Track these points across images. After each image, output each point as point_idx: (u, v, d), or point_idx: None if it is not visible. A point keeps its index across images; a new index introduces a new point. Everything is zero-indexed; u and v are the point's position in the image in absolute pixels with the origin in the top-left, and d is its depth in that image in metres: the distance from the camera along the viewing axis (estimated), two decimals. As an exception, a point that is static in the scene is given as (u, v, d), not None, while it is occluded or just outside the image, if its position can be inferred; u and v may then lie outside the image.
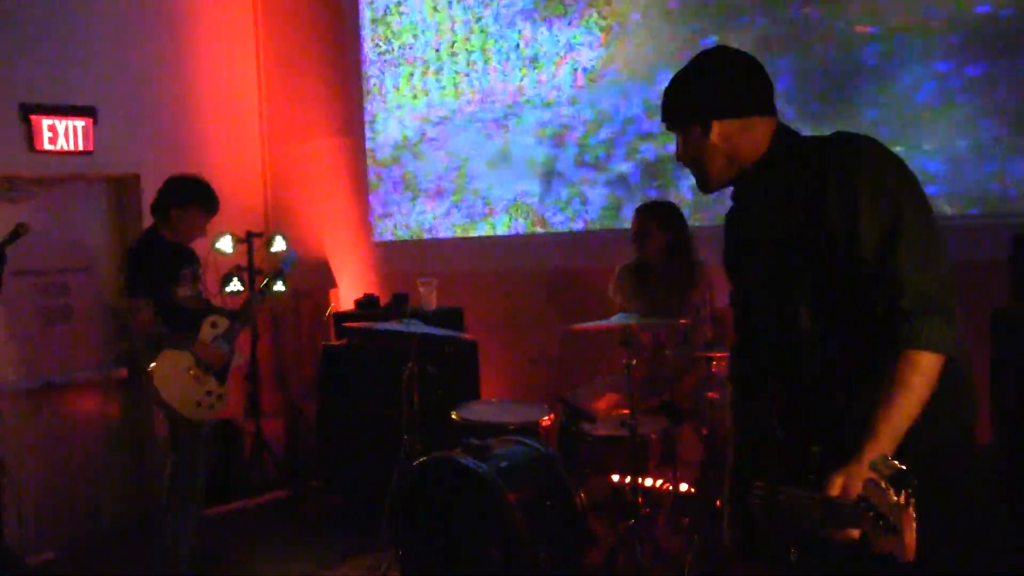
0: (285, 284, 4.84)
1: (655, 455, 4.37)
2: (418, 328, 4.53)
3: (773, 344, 2.23)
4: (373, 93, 6.58)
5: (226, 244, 6.21)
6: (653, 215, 4.72)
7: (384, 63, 6.50)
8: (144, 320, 4.49)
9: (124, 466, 5.93)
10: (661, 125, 2.34)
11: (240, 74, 6.98)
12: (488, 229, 6.04)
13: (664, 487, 4.58)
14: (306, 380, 6.86)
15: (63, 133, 5.77)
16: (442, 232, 6.28)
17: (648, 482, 4.56)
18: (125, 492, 5.94)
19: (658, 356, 4.82)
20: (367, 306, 6.07)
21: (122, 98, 6.12)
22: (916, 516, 1.69)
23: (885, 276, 1.97)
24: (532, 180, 5.80)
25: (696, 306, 4.60)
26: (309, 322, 6.92)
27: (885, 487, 1.73)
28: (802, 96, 4.68)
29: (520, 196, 5.87)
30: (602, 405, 4.73)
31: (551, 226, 5.75)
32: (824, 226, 2.05)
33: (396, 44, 6.42)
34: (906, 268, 1.96)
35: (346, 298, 6.61)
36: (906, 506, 1.69)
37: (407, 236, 6.48)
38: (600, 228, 5.55)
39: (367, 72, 6.60)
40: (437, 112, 6.24)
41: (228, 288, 6.13)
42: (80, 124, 5.85)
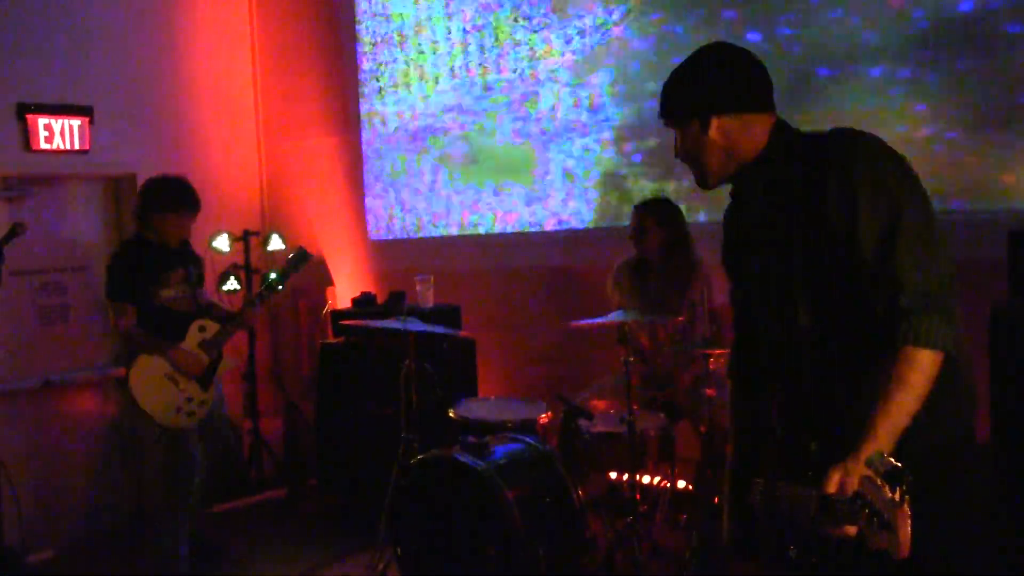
0: (284, 283, 4.76)
1: (653, 452, 4.37)
2: (415, 326, 4.52)
3: (772, 342, 2.23)
4: (369, 91, 6.57)
5: (223, 243, 6.21)
6: (651, 212, 4.73)
7: (380, 61, 6.49)
8: (125, 324, 4.45)
9: (123, 465, 5.91)
10: (660, 120, 2.33)
11: (236, 73, 6.97)
12: (485, 226, 6.03)
13: (662, 484, 4.59)
14: (304, 379, 6.85)
15: (59, 132, 5.75)
16: (439, 230, 6.27)
17: (646, 479, 4.56)
18: (124, 491, 5.93)
19: (656, 353, 4.82)
20: (364, 304, 6.06)
21: (119, 97, 6.10)
22: (911, 513, 1.69)
23: (884, 274, 1.97)
24: (531, 177, 5.80)
25: (694, 303, 4.60)
26: (306, 320, 6.92)
27: (881, 484, 1.73)
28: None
29: (519, 193, 5.87)
30: (601, 404, 4.73)
31: (549, 223, 5.74)
32: (823, 224, 2.05)
33: (392, 41, 6.41)
34: (905, 266, 1.96)
35: (343, 296, 6.60)
36: (900, 503, 1.69)
37: (404, 234, 6.47)
38: (598, 225, 5.54)
39: (363, 70, 6.59)
40: (434, 109, 6.23)
41: (225, 287, 6.14)
42: (76, 123, 5.83)
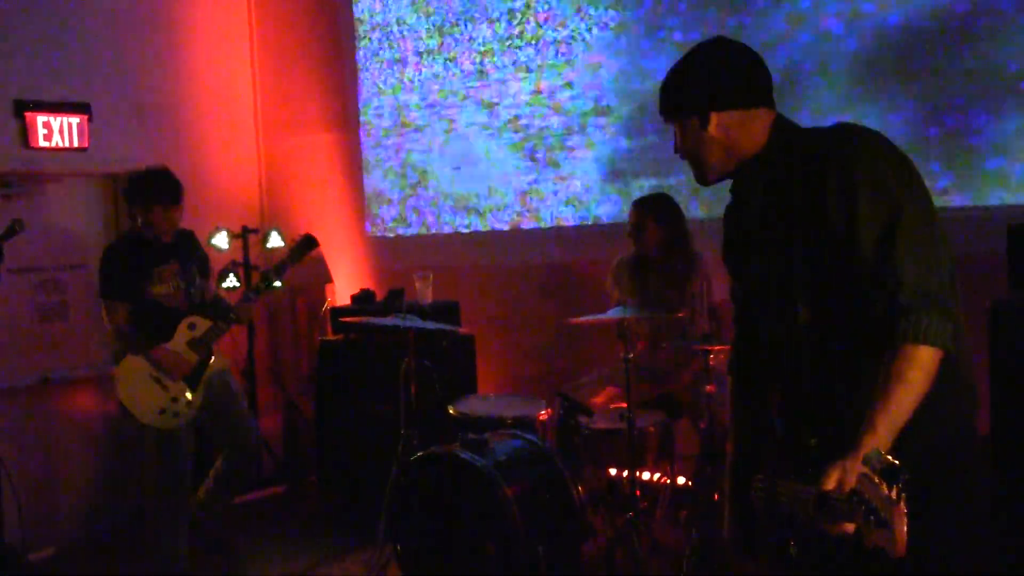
0: (284, 274, 4.68)
1: (652, 448, 4.37)
2: (414, 323, 4.52)
3: (772, 339, 2.22)
4: (368, 88, 6.56)
5: (222, 240, 6.20)
6: (649, 209, 4.72)
7: (379, 58, 6.48)
8: (115, 321, 4.41)
9: (122, 463, 5.90)
10: (659, 116, 2.32)
11: (235, 70, 6.96)
12: (484, 223, 6.03)
13: (662, 480, 4.59)
14: (303, 376, 6.85)
15: (58, 130, 5.74)
16: (438, 227, 6.27)
17: (646, 476, 4.56)
18: (123, 489, 5.92)
19: (655, 349, 4.82)
20: (363, 301, 6.05)
21: (117, 94, 6.09)
22: (907, 511, 1.69)
23: (884, 272, 1.96)
24: (529, 174, 5.79)
25: (694, 299, 4.60)
26: (305, 318, 6.91)
27: (878, 481, 1.72)
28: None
29: (517, 190, 5.86)
30: (600, 399, 4.73)
31: (547, 220, 5.74)
32: (823, 222, 2.04)
33: (391, 38, 6.40)
34: (905, 264, 1.95)
35: (342, 293, 6.60)
36: (897, 501, 1.69)
37: (403, 231, 6.47)
38: (597, 222, 5.54)
39: (361, 67, 6.58)
40: (433, 106, 6.23)
41: (224, 284, 6.12)
42: (75, 121, 5.82)
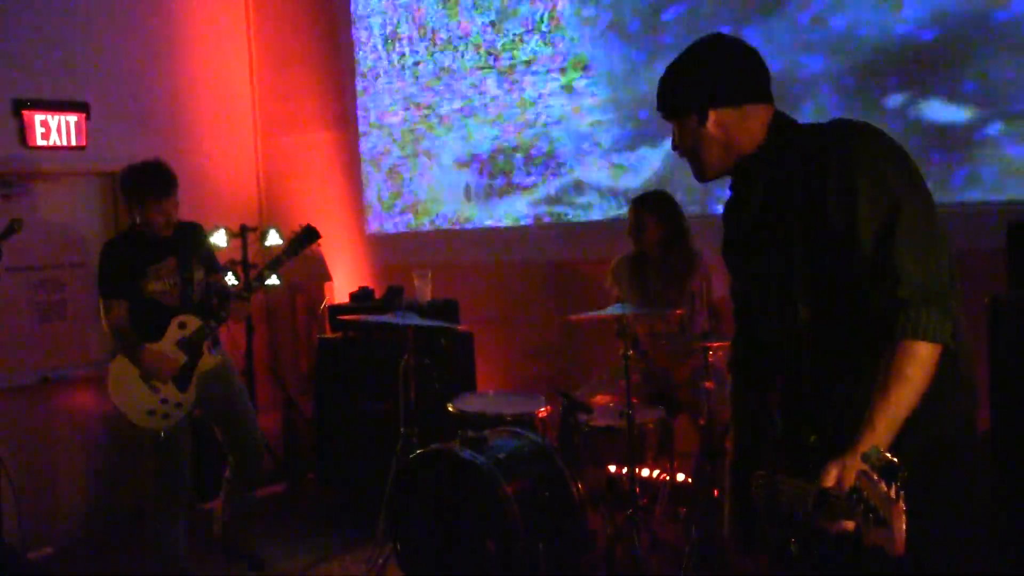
0: (280, 267, 4.60)
1: (652, 445, 4.38)
2: (413, 320, 4.52)
3: (772, 336, 2.22)
4: (366, 85, 6.56)
5: (220, 238, 6.19)
6: (649, 208, 4.71)
7: (377, 55, 6.48)
8: (112, 318, 4.36)
9: (121, 461, 5.90)
10: (657, 113, 2.31)
11: (233, 68, 6.95)
12: (484, 221, 6.02)
13: (661, 478, 4.59)
14: (301, 374, 6.85)
15: (56, 128, 5.74)
16: (437, 224, 6.26)
17: (645, 473, 4.56)
18: (123, 487, 5.92)
19: (655, 346, 4.81)
20: (362, 299, 6.05)
21: (115, 93, 6.08)
22: (906, 509, 1.68)
23: (883, 268, 1.96)
24: (528, 171, 5.79)
25: (693, 296, 4.60)
26: (304, 315, 6.91)
27: (877, 479, 1.72)
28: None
29: (516, 187, 5.86)
30: (599, 400, 4.73)
31: (547, 217, 5.73)
32: (823, 219, 2.03)
33: (390, 36, 6.39)
34: (904, 260, 1.94)
35: (341, 291, 6.59)
36: (896, 499, 1.68)
37: (401, 228, 6.46)
38: (596, 219, 5.53)
39: (360, 64, 6.58)
40: (432, 103, 6.22)
41: (223, 283, 6.12)
42: (73, 119, 5.82)
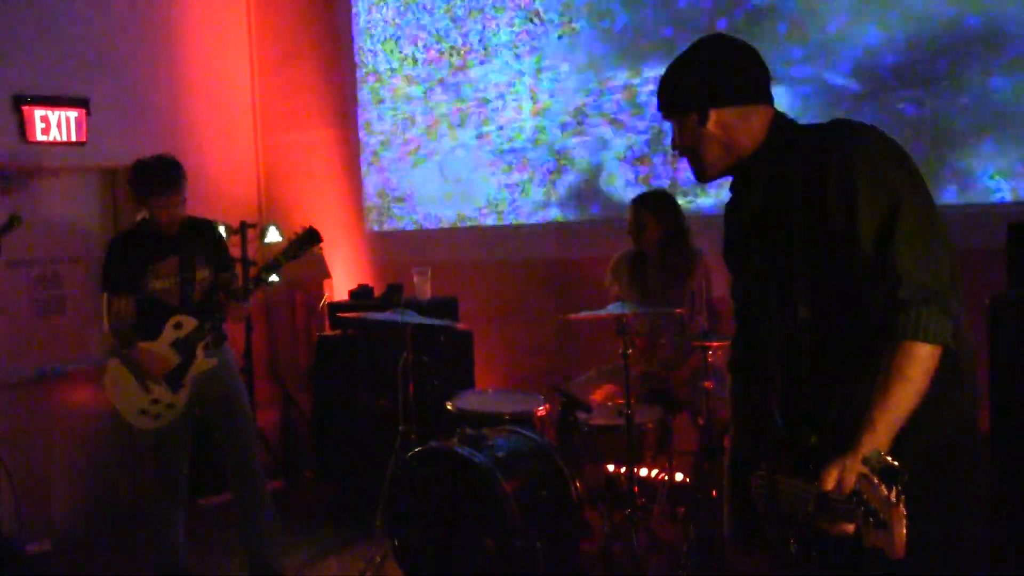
0: (280, 268, 4.53)
1: (651, 445, 4.37)
2: (412, 318, 4.51)
3: (772, 335, 2.22)
4: (366, 83, 6.56)
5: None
6: (649, 208, 4.70)
7: (377, 53, 6.47)
8: (114, 313, 4.31)
9: (119, 456, 5.90)
10: (658, 112, 2.31)
11: (233, 65, 6.95)
12: (483, 219, 6.02)
13: (660, 477, 4.59)
14: (300, 371, 6.85)
15: (56, 124, 5.73)
16: (436, 222, 6.26)
17: (644, 472, 4.56)
18: (121, 482, 5.92)
19: (654, 345, 4.81)
20: (361, 296, 6.05)
21: (115, 89, 6.08)
22: (907, 513, 1.68)
23: (883, 268, 1.96)
24: (528, 170, 5.79)
25: (692, 295, 4.59)
26: (303, 313, 6.91)
27: (877, 482, 1.72)
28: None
29: (516, 185, 5.85)
30: (599, 396, 4.72)
31: (546, 216, 5.73)
32: (823, 219, 2.03)
33: (390, 33, 6.39)
34: (904, 260, 1.94)
35: (340, 288, 6.59)
36: (896, 503, 1.68)
37: (401, 226, 6.46)
38: (596, 218, 5.53)
39: (360, 62, 6.57)
40: (432, 101, 6.22)
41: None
42: (73, 115, 5.81)
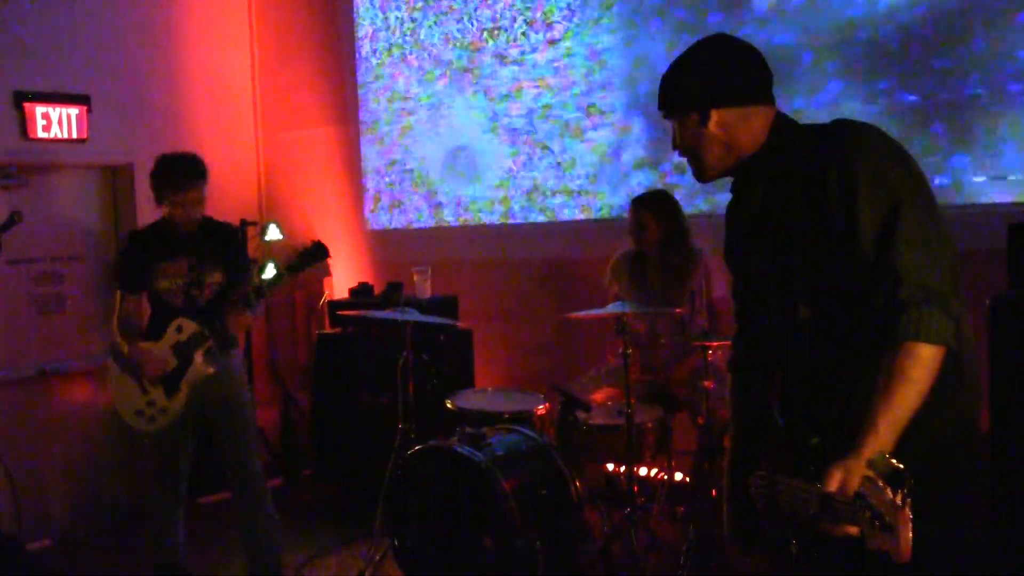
0: (282, 281, 4.42)
1: (650, 444, 4.37)
2: (412, 316, 4.51)
3: (773, 334, 2.22)
4: (367, 81, 6.55)
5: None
6: (649, 208, 4.70)
7: (378, 51, 6.47)
8: (122, 310, 4.26)
9: (119, 454, 5.91)
10: (659, 112, 2.31)
11: (235, 62, 6.95)
12: (483, 218, 6.02)
13: (659, 476, 4.59)
14: (300, 369, 6.85)
15: (57, 121, 5.73)
16: (437, 220, 6.26)
17: (643, 471, 4.56)
18: (120, 480, 5.93)
19: (654, 345, 4.81)
20: (361, 294, 6.05)
21: (116, 86, 6.08)
22: (912, 516, 1.68)
23: (884, 268, 1.95)
24: (528, 168, 5.78)
25: (692, 295, 4.59)
26: (303, 311, 6.91)
27: (882, 486, 1.71)
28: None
29: (517, 185, 5.85)
30: (599, 398, 4.72)
31: (546, 214, 5.73)
32: (824, 219, 2.03)
33: (390, 31, 6.39)
34: (905, 260, 1.94)
35: (340, 286, 6.59)
36: (902, 506, 1.68)
37: (401, 224, 6.46)
38: (596, 217, 5.53)
39: (361, 60, 6.57)
40: (432, 100, 6.22)
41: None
42: (74, 112, 5.81)
